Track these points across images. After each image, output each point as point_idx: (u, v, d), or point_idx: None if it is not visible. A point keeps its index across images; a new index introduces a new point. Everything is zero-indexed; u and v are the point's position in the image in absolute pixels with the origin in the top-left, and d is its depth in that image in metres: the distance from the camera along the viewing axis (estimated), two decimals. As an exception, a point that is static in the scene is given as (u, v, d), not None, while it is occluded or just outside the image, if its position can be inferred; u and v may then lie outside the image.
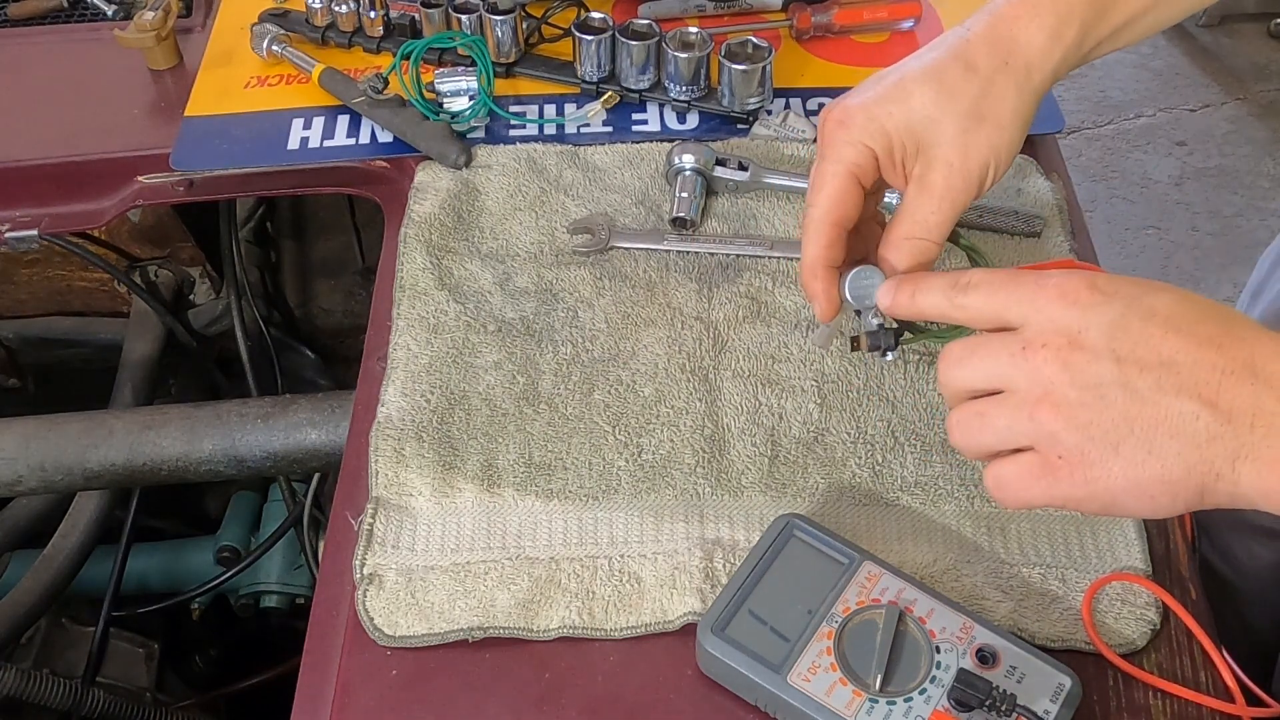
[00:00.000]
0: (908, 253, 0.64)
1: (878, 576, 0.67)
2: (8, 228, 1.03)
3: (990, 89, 0.63)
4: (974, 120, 0.63)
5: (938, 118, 0.63)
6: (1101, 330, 0.53)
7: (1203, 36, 3.24)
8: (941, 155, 0.63)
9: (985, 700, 0.60)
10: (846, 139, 0.64)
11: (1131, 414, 0.52)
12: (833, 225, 0.65)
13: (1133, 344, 0.52)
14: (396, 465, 0.76)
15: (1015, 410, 0.54)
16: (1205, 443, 0.51)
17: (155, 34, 1.08)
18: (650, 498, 0.75)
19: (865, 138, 0.64)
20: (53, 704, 1.07)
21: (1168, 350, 0.52)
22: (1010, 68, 0.63)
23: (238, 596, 1.38)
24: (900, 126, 0.63)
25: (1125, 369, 0.52)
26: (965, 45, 0.64)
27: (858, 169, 0.64)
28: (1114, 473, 0.52)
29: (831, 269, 0.65)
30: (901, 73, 0.65)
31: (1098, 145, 2.92)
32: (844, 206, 0.65)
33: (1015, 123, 0.64)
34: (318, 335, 1.53)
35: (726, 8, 1.11)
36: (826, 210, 0.65)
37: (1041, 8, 0.64)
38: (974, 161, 0.63)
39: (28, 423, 1.04)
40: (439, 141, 0.96)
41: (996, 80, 0.63)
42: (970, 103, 0.63)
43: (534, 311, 0.86)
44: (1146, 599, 0.69)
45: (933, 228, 0.64)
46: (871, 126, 0.63)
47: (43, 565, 1.13)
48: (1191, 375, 0.51)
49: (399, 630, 0.69)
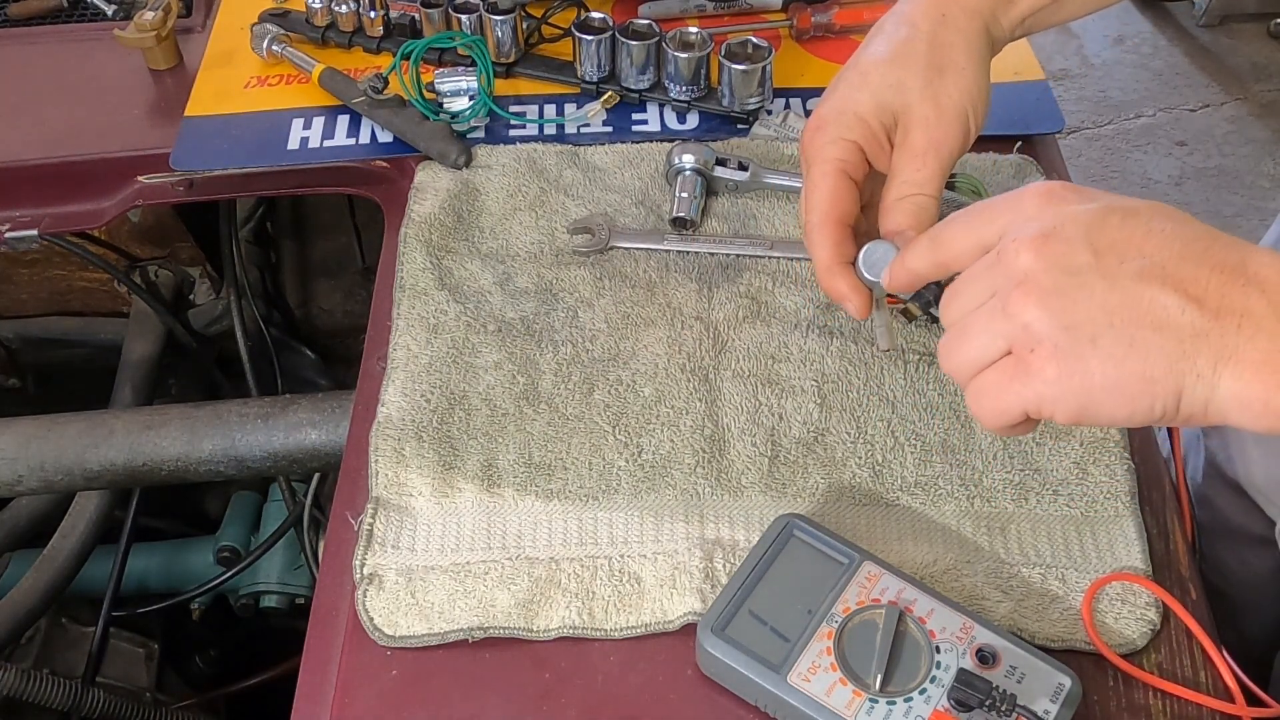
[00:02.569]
0: (904, 212, 0.64)
1: (878, 576, 0.67)
2: (8, 228, 1.03)
3: (936, 39, 0.65)
4: (934, 71, 0.65)
5: (900, 81, 0.65)
6: (1079, 224, 0.51)
7: (1203, 36, 3.24)
8: (916, 114, 0.65)
9: (985, 700, 0.60)
10: (826, 139, 0.66)
11: (1111, 304, 0.49)
12: (835, 224, 0.66)
13: (1113, 238, 0.50)
14: (396, 465, 0.76)
15: (991, 311, 0.53)
16: (1189, 338, 0.48)
17: (155, 34, 1.08)
18: (650, 498, 0.75)
19: (843, 131, 0.65)
20: (53, 704, 1.07)
21: (1151, 246, 0.50)
22: (949, 18, 0.66)
23: (238, 596, 1.38)
24: (871, 106, 0.65)
25: (1104, 259, 0.50)
26: (903, 16, 0.67)
27: (845, 164, 0.65)
28: (1091, 367, 0.50)
29: (847, 266, 0.66)
30: (853, 61, 0.67)
31: (1098, 145, 2.91)
32: (841, 203, 0.66)
33: (973, 63, 0.65)
34: (318, 335, 1.53)
35: (726, 8, 1.11)
36: (826, 211, 0.65)
37: None
38: (948, 109, 0.64)
39: (28, 423, 1.04)
40: (439, 141, 0.96)
41: (939, 32, 0.66)
42: (924, 58, 0.65)
43: (534, 311, 0.86)
44: (1146, 599, 0.69)
45: (922, 183, 0.64)
46: (846, 118, 0.65)
47: (43, 565, 1.13)
48: (1177, 270, 0.49)
49: (399, 630, 0.69)
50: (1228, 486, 0.97)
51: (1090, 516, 0.73)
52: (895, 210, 0.65)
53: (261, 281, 1.44)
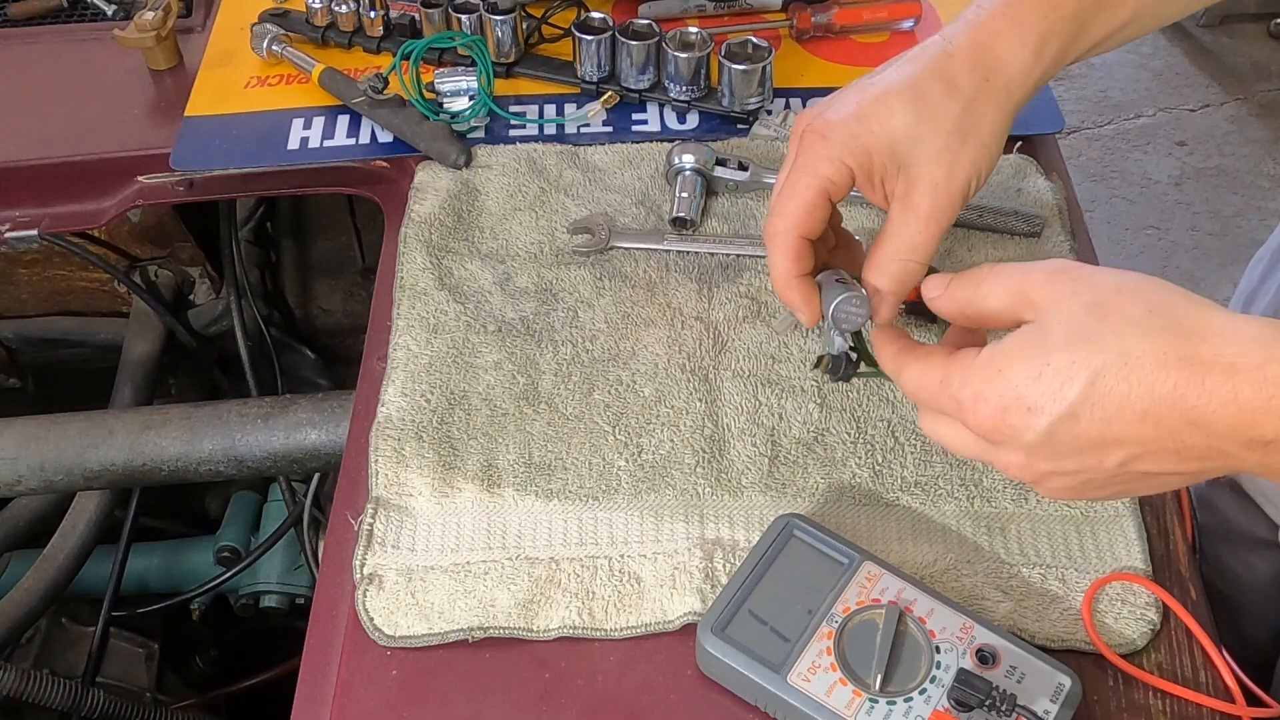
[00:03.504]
0: (893, 274, 0.64)
1: (878, 576, 0.67)
2: (8, 228, 1.03)
3: (972, 107, 0.63)
4: (957, 139, 0.62)
5: (921, 136, 0.62)
6: (1045, 453, 0.54)
7: (1203, 36, 3.24)
8: (926, 175, 0.62)
9: (985, 700, 0.60)
10: (826, 154, 0.63)
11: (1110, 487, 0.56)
12: (800, 238, 0.64)
13: (1081, 447, 0.53)
14: (396, 465, 0.76)
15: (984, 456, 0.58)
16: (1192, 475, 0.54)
17: (155, 34, 1.08)
18: (650, 498, 0.75)
19: (845, 155, 0.62)
20: (53, 704, 1.07)
21: (1116, 431, 0.52)
22: (991, 85, 0.63)
23: (238, 596, 1.38)
24: (882, 145, 0.62)
25: (1085, 470, 0.54)
26: (948, 61, 0.63)
27: (831, 185, 0.63)
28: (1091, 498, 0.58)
29: (805, 278, 0.65)
30: (883, 86, 0.63)
31: (1098, 145, 2.92)
32: (812, 220, 0.64)
33: (995, 140, 0.64)
34: (318, 335, 1.53)
35: (726, 8, 1.11)
36: (794, 223, 0.64)
37: (1025, 25, 0.63)
38: (957, 181, 0.63)
39: (28, 423, 1.04)
40: (439, 141, 0.96)
41: (978, 99, 0.63)
42: (953, 122, 0.62)
43: (534, 311, 0.86)
44: (1146, 599, 0.69)
45: (919, 248, 0.63)
46: (853, 144, 0.62)
47: (43, 565, 1.13)
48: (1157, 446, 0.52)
49: (399, 630, 0.69)
50: (1230, 489, 0.97)
51: (1090, 516, 0.73)
52: (886, 270, 0.64)
53: (261, 281, 1.44)
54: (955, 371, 0.56)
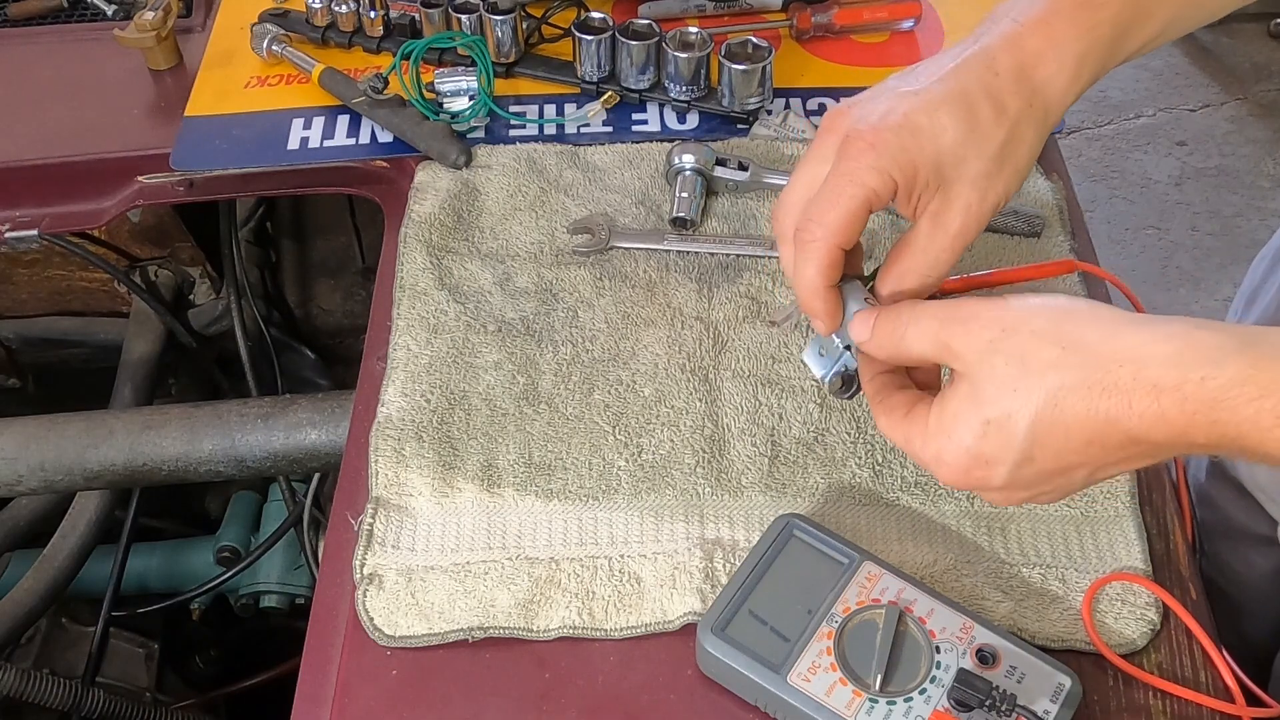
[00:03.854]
0: (911, 289, 0.64)
1: (878, 576, 0.67)
2: (8, 228, 1.03)
3: (1015, 132, 0.62)
4: (997, 164, 0.62)
5: (966, 158, 0.61)
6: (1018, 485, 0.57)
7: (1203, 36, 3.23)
8: (962, 195, 0.62)
9: (985, 700, 0.60)
10: (874, 164, 0.61)
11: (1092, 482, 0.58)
12: (836, 248, 0.62)
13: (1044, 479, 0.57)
14: (396, 465, 0.76)
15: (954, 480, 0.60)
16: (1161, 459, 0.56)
17: (155, 34, 1.08)
18: (650, 498, 0.75)
19: (893, 168, 0.61)
20: (53, 704, 1.07)
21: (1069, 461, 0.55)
22: (1032, 110, 0.63)
23: (238, 596, 1.38)
24: (929, 161, 0.61)
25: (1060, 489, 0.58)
26: (994, 80, 0.62)
27: (875, 197, 0.61)
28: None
29: (833, 289, 0.64)
30: (933, 98, 0.61)
31: (1098, 145, 2.91)
32: (850, 231, 0.62)
33: (1029, 164, 0.64)
34: (318, 335, 1.53)
35: (726, 8, 1.11)
36: (833, 233, 0.62)
37: (1063, 46, 0.63)
38: (989, 203, 0.63)
39: (28, 423, 1.04)
40: (439, 141, 0.96)
41: (1021, 123, 0.62)
42: (997, 147, 0.62)
43: (534, 311, 0.86)
44: (1146, 599, 0.69)
45: (942, 264, 0.63)
46: (903, 158, 0.60)
47: (43, 565, 1.13)
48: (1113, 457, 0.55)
49: (399, 630, 0.69)
50: (1231, 486, 0.97)
51: (1090, 516, 0.73)
52: (904, 283, 0.63)
53: (261, 281, 1.44)
54: (914, 436, 0.60)
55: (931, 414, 0.59)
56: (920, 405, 0.60)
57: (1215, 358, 0.50)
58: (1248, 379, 0.49)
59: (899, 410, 0.61)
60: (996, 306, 0.57)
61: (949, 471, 0.58)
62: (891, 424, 0.62)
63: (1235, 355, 0.50)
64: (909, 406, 0.61)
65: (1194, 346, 0.51)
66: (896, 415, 0.61)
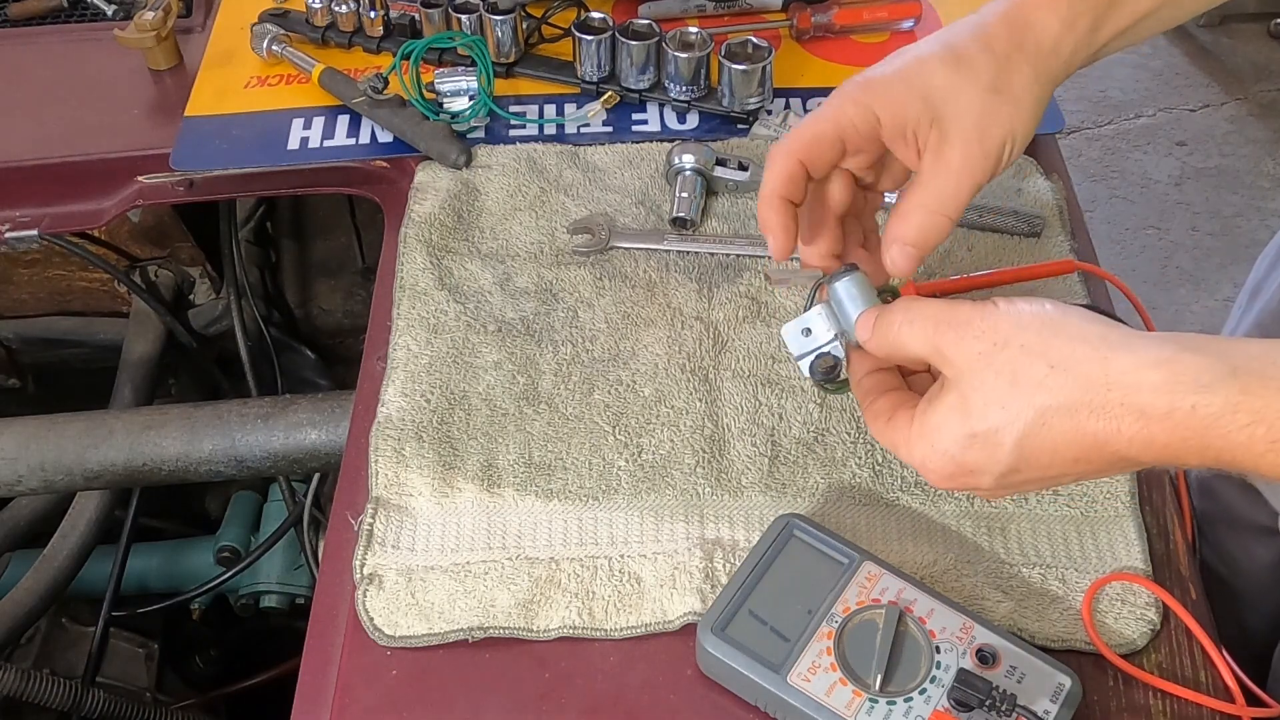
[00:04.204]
0: (917, 224, 0.63)
1: (878, 576, 0.67)
2: (8, 228, 1.03)
3: (1007, 65, 0.63)
4: (992, 94, 0.63)
5: (958, 89, 0.62)
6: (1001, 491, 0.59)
7: (1203, 36, 3.23)
8: (959, 128, 0.62)
9: (985, 700, 0.60)
10: (855, 98, 0.63)
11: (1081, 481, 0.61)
12: (797, 162, 0.64)
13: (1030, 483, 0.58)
14: (396, 465, 0.76)
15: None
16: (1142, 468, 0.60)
17: (155, 34, 1.08)
18: (650, 498, 0.75)
19: (876, 103, 0.63)
20: (53, 704, 1.07)
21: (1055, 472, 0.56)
22: (1025, 49, 0.64)
23: (238, 596, 1.38)
24: (918, 99, 0.62)
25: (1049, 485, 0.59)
26: (982, 28, 0.64)
27: (850, 127, 0.63)
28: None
29: (788, 203, 0.64)
30: (922, 52, 0.64)
31: (1098, 145, 2.91)
32: (817, 148, 0.64)
33: (1030, 101, 0.64)
34: (318, 335, 1.53)
35: (726, 8, 1.11)
36: (798, 147, 0.64)
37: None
38: (992, 138, 0.63)
39: (28, 423, 1.04)
40: (439, 141, 0.96)
41: (1013, 58, 0.63)
42: (989, 78, 0.63)
43: (534, 311, 0.86)
44: (1146, 599, 0.69)
45: (947, 200, 0.63)
46: (888, 96, 0.63)
47: (43, 565, 1.13)
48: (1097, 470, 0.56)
49: (399, 630, 0.69)
50: (1232, 477, 0.98)
51: (1090, 516, 0.73)
52: (911, 218, 0.63)
53: (261, 281, 1.44)
54: (898, 441, 0.60)
55: (916, 419, 0.59)
56: (903, 410, 0.61)
57: (1205, 383, 0.50)
58: (1238, 405, 0.49)
59: (883, 415, 0.62)
60: (989, 315, 0.56)
61: (934, 476, 0.59)
62: (878, 428, 0.62)
63: (1225, 381, 0.50)
64: (893, 411, 0.61)
65: (1183, 372, 0.51)
66: (881, 420, 0.62)
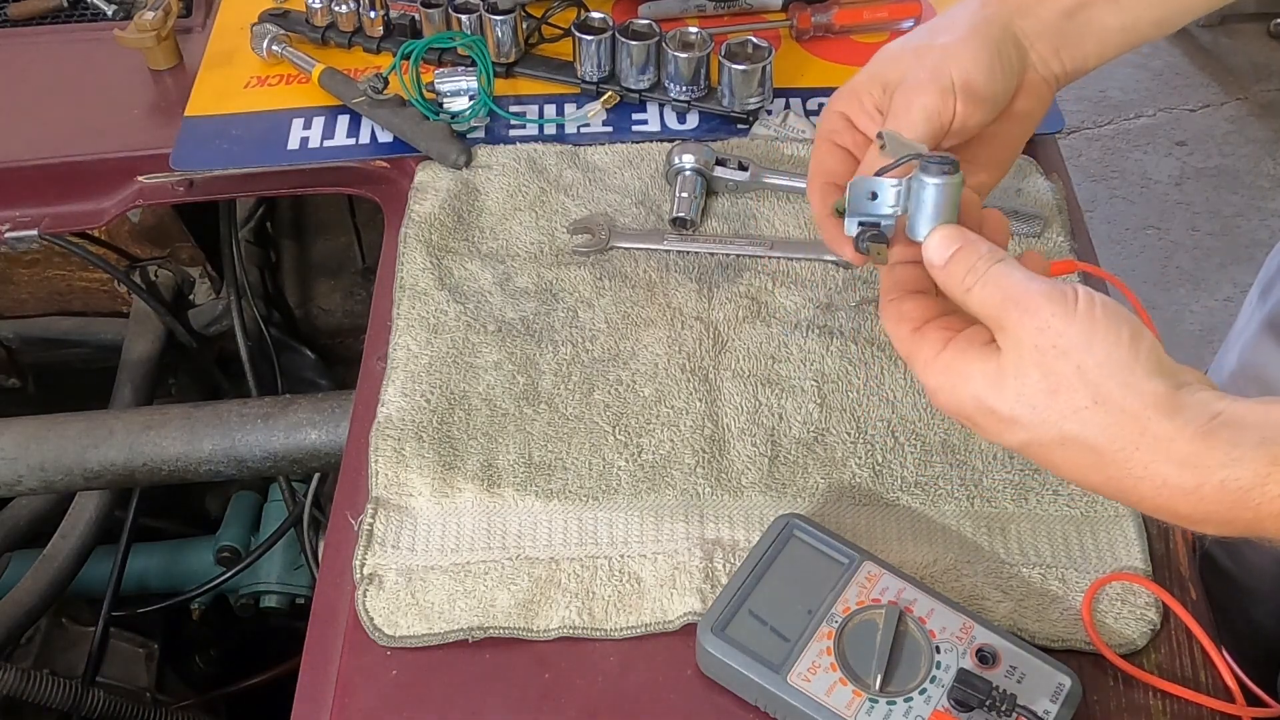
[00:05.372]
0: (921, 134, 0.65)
1: (878, 576, 0.67)
2: (8, 228, 1.03)
3: (948, 15, 0.68)
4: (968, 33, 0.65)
5: (896, 55, 0.67)
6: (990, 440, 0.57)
7: (1203, 36, 3.23)
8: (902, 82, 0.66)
9: (985, 700, 0.60)
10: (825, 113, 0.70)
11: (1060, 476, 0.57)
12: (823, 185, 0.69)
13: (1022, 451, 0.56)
14: (396, 465, 0.76)
15: None
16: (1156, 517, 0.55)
17: (155, 34, 1.08)
18: (650, 498, 0.75)
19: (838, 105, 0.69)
20: (53, 704, 1.07)
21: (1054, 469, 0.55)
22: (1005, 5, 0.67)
23: (238, 596, 1.38)
24: (863, 81, 0.68)
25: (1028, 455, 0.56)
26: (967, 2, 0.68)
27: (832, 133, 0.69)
28: None
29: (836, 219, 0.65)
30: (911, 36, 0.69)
31: (1098, 145, 2.91)
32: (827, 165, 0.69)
33: (976, 36, 0.65)
34: (318, 335, 1.53)
35: (726, 8, 1.11)
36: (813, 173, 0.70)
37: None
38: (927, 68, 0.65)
39: (28, 423, 1.04)
40: (439, 141, 0.96)
41: (954, 10, 0.68)
42: (925, 31, 0.67)
43: (534, 311, 0.86)
44: (1146, 599, 0.69)
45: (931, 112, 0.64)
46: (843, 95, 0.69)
47: (43, 565, 1.13)
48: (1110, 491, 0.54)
49: (399, 630, 0.69)
50: None
51: (1090, 516, 0.73)
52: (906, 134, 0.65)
53: (261, 281, 1.44)
54: (919, 360, 0.58)
55: (949, 350, 0.56)
56: (935, 329, 0.58)
57: (1235, 457, 0.49)
58: (1268, 476, 0.49)
59: (911, 321, 0.59)
60: (1064, 315, 0.53)
61: (938, 404, 0.58)
62: (901, 333, 0.59)
63: (1253, 452, 0.49)
64: (921, 320, 0.59)
65: (1214, 448, 0.50)
66: (906, 327, 0.59)
